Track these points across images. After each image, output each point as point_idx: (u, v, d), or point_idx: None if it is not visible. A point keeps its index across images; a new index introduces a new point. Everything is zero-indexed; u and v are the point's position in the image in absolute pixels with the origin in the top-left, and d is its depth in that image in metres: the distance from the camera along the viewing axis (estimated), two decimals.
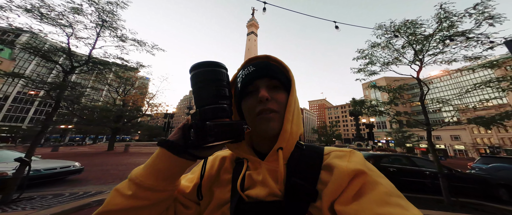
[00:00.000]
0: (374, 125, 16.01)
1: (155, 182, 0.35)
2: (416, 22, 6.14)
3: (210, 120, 0.33)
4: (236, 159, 0.49)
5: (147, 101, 20.55)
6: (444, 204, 4.08)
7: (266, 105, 0.41)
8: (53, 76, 4.87)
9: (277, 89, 0.44)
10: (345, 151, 0.41)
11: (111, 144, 19.41)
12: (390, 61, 6.83)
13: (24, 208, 2.86)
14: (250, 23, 51.37)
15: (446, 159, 25.86)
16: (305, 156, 0.43)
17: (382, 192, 0.31)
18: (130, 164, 9.19)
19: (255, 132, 0.44)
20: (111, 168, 7.95)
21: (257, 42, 51.02)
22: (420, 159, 6.26)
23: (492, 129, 6.05)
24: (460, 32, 5.61)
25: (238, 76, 0.47)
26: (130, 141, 49.57)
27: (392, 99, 7.23)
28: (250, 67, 0.44)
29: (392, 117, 7.00)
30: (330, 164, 0.38)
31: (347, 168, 0.35)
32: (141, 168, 0.37)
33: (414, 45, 6.35)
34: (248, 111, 0.43)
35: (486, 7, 5.14)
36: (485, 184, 5.21)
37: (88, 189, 4.30)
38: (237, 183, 0.42)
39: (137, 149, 22.25)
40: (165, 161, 0.35)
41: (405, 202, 0.30)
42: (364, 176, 0.34)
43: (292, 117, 0.42)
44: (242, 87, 0.44)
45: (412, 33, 6.21)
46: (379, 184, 0.33)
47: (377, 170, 0.36)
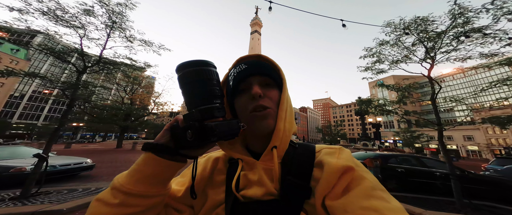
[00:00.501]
0: (381, 124, 15.64)
1: (145, 188, 0.34)
2: (427, 18, 5.91)
3: (207, 120, 0.33)
4: (230, 159, 0.49)
5: (153, 99, 21.06)
6: (455, 206, 3.96)
7: (259, 102, 0.40)
8: (66, 75, 5.07)
9: (269, 86, 0.44)
10: (334, 148, 0.42)
11: (120, 142, 20.04)
12: (399, 59, 6.61)
13: (43, 202, 3.02)
14: (253, 22, 51.08)
15: (458, 160, 24.96)
16: (298, 154, 0.43)
17: (367, 187, 0.33)
18: None
19: (250, 130, 0.43)
20: (120, 165, 8.23)
21: (260, 41, 50.72)
22: (429, 160, 6.06)
23: (508, 130, 5.78)
24: (477, 28, 5.34)
25: (230, 75, 0.46)
26: (137, 139, 51.04)
27: (401, 98, 7.00)
28: (241, 65, 0.44)
29: (400, 116, 6.79)
30: (321, 161, 0.39)
31: (337, 165, 0.36)
32: (125, 175, 0.35)
33: (426, 42, 6.11)
34: (241, 109, 0.43)
35: (505, 1, 4.87)
36: (501, 186, 4.99)
37: (99, 185, 4.48)
38: (231, 184, 0.41)
39: None
40: (155, 166, 0.34)
41: (387, 195, 0.32)
42: (352, 172, 0.35)
43: (285, 115, 0.42)
44: (234, 85, 0.44)
45: (423, 30, 5.98)
46: (365, 179, 0.34)
47: (363, 166, 0.38)
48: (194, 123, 0.32)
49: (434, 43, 5.98)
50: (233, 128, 0.35)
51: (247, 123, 0.42)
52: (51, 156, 5.34)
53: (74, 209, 2.77)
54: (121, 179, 0.34)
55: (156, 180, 0.35)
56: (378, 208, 0.29)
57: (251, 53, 54.06)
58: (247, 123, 0.42)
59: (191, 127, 0.32)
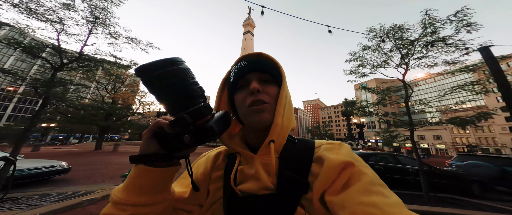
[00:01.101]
0: (365, 125, 16.64)
1: (149, 198, 0.34)
2: (403, 26, 6.50)
3: (197, 121, 0.32)
4: (228, 155, 0.49)
5: (139, 99, 20.00)
6: (423, 199, 4.41)
7: (257, 97, 0.41)
8: (37, 72, 4.65)
9: (268, 82, 0.44)
10: (334, 143, 0.43)
11: (99, 143, 18.69)
12: (379, 64, 7.17)
13: (10, 208, 2.76)
14: (246, 22, 50.91)
15: (428, 158, 27.36)
16: (297, 149, 0.43)
17: (366, 182, 0.33)
18: (122, 163, 8.96)
19: (247, 124, 0.44)
20: (101, 167, 7.72)
21: (253, 42, 50.61)
22: (404, 158, 6.63)
23: (469, 129, 6.57)
24: (441, 38, 6.03)
25: (231, 72, 0.47)
26: (119, 140, 47.86)
27: (380, 100, 7.59)
28: (242, 62, 0.45)
29: (379, 117, 7.37)
30: (320, 157, 0.39)
31: (336, 160, 0.36)
32: (122, 189, 0.34)
33: (401, 49, 6.71)
34: (240, 104, 0.44)
35: (465, 14, 5.56)
36: (461, 180, 5.59)
37: (77, 189, 4.19)
38: (229, 179, 0.42)
39: (128, 148, 21.59)
40: (150, 177, 0.34)
41: (387, 190, 0.32)
42: (351, 168, 0.35)
43: (283, 111, 0.42)
44: (234, 81, 0.45)
45: (399, 38, 6.57)
46: (365, 174, 0.34)
47: (363, 161, 0.38)
48: (189, 127, 0.31)
49: (408, 50, 6.60)
50: (226, 121, 0.37)
51: (244, 118, 0.43)
52: (18, 159, 4.87)
53: (49, 214, 2.58)
54: (119, 194, 0.34)
55: (157, 189, 0.35)
56: (377, 204, 0.29)
57: (243, 53, 53.63)
58: (244, 118, 0.43)
59: (188, 132, 0.31)
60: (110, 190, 3.97)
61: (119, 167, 7.88)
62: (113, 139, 53.66)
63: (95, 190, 3.98)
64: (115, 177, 5.94)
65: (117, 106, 19.65)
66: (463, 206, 4.12)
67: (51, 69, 3.69)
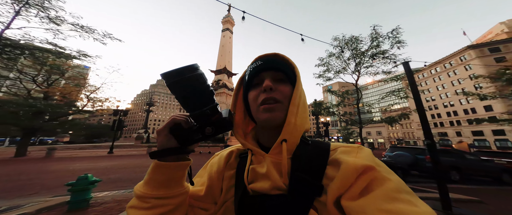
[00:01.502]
0: (330, 123, 18.83)
1: (166, 191, 0.39)
2: (358, 38, 7.84)
3: (214, 116, 0.40)
4: (240, 154, 0.51)
5: (87, 94, 16.49)
6: None
7: (270, 94, 0.41)
8: None
9: (282, 81, 0.44)
10: (352, 146, 0.41)
11: (22, 149, 14.51)
12: (340, 70, 8.41)
13: None
14: (225, 19, 48.87)
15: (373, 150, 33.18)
16: (310, 151, 0.42)
17: (390, 188, 0.30)
18: (61, 171, 7.30)
19: (259, 122, 0.45)
20: (28, 178, 6.09)
21: (232, 39, 49.13)
22: None
23: (398, 126, 8.49)
24: (382, 51, 7.59)
25: (247, 70, 0.48)
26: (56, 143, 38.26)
27: (340, 102, 8.92)
28: (258, 61, 0.46)
29: (339, 117, 8.65)
30: (336, 159, 0.38)
31: (355, 164, 0.34)
32: (143, 185, 0.39)
33: (355, 58, 8.07)
34: (252, 102, 0.45)
35: (398, 33, 7.18)
36: (390, 168, 7.21)
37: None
38: (240, 177, 0.43)
39: (69, 153, 17.59)
40: (166, 172, 0.38)
41: (415, 199, 0.29)
42: (372, 172, 0.33)
43: (297, 110, 0.41)
44: (249, 79, 0.46)
45: (355, 48, 7.89)
46: (388, 180, 0.32)
47: (386, 166, 0.35)
48: (210, 120, 0.39)
49: (360, 59, 7.98)
50: (232, 116, 0.43)
51: (255, 115, 0.44)
52: None
53: None
54: (141, 188, 0.39)
55: (172, 183, 0.39)
56: (404, 212, 0.26)
57: (221, 51, 50.93)
58: (255, 116, 0.44)
59: (209, 124, 0.39)
60: (48, 202, 3.25)
61: (58, 176, 6.43)
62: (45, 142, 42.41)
63: (24, 205, 3.18)
64: (54, 188, 4.84)
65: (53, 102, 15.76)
66: None
67: None
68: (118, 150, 19.88)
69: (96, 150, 21.32)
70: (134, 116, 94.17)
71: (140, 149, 21.93)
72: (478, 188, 6.09)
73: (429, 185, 5.87)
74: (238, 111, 0.51)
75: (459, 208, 3.47)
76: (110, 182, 5.49)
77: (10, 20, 3.07)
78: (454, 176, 7.00)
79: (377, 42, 7.97)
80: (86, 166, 8.82)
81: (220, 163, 0.50)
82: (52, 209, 3.02)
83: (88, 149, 21.90)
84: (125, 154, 16.24)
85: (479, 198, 4.51)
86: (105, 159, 12.11)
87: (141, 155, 15.75)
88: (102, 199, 3.67)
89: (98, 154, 16.61)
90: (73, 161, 11.13)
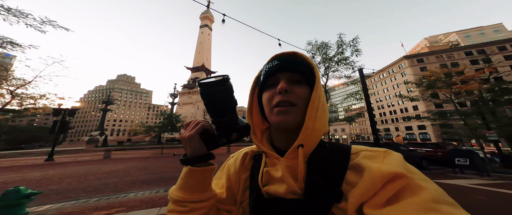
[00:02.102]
0: None
1: (199, 195, 0.41)
2: (327, 44, 8.77)
3: (235, 123, 0.43)
4: (255, 156, 0.50)
5: (10, 89, 12.51)
6: None
7: (284, 97, 0.40)
8: None
9: (299, 83, 0.42)
10: (378, 151, 0.37)
11: None
12: None
13: None
14: (204, 15, 45.68)
15: None
16: (328, 155, 0.40)
17: (426, 198, 0.27)
18: None
19: (273, 125, 0.44)
20: None
21: (211, 36, 46.38)
22: None
23: (356, 124, 10.05)
24: (345, 57, 8.71)
25: (262, 70, 0.46)
26: None
27: None
28: (274, 61, 0.44)
29: None
30: (359, 165, 0.35)
31: (380, 170, 0.31)
32: (177, 189, 0.41)
33: (325, 62, 9.01)
34: (266, 103, 0.43)
35: (357, 42, 8.39)
36: None
37: None
38: (255, 179, 0.43)
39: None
40: (196, 177, 0.40)
41: (458, 210, 0.26)
42: (403, 180, 0.30)
43: (316, 113, 0.39)
44: (264, 80, 0.44)
45: (324, 53, 8.80)
46: (424, 189, 0.28)
47: (420, 173, 0.32)
48: (237, 126, 0.43)
49: (328, 63, 8.94)
50: (248, 124, 0.47)
51: (270, 118, 0.43)
52: None
53: None
54: (177, 193, 0.41)
55: (202, 187, 0.41)
56: None
57: (199, 47, 48.16)
58: (269, 118, 0.43)
59: (235, 130, 0.43)
60: None
61: None
62: None
63: None
64: None
65: None
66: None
67: None
68: (62, 156, 16.54)
69: (27, 158, 16.94)
70: (86, 116, 79.28)
71: (93, 154, 18.64)
72: None
73: None
74: (255, 111, 0.50)
75: None
76: (53, 193, 4.50)
77: None
78: None
79: (342, 49, 9.06)
80: (13, 178, 6.93)
81: (237, 165, 0.51)
82: None
83: (14, 157, 17.23)
84: (71, 161, 13.46)
85: None
86: (42, 168, 9.80)
87: (95, 160, 13.36)
88: (44, 213, 2.98)
89: (30, 162, 13.21)
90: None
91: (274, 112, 0.41)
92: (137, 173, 7.54)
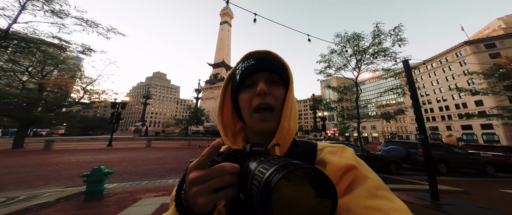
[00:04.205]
0: (326, 118, 19.29)
1: None
2: (360, 35, 7.86)
3: None
4: None
5: (83, 86, 16.11)
6: None
7: (264, 99, 0.40)
8: None
9: (276, 84, 0.43)
10: (337, 146, 0.42)
11: (20, 140, 14.41)
12: (340, 67, 8.49)
13: None
14: (224, 11, 47.03)
15: (367, 144, 34.32)
16: (300, 152, 0.43)
17: (371, 186, 0.32)
18: (64, 163, 7.39)
19: (252, 128, 0.43)
20: (34, 169, 6.17)
21: (230, 33, 47.69)
22: (351, 146, 8.25)
23: (392, 121, 8.82)
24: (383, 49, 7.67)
25: (237, 69, 0.45)
26: (51, 135, 37.78)
27: (341, 98, 9.09)
28: (250, 60, 0.43)
29: (338, 112, 8.85)
30: (323, 160, 0.39)
31: (339, 163, 0.35)
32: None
33: (357, 55, 8.13)
34: (245, 105, 0.43)
35: (400, 30, 7.23)
36: (384, 162, 7.30)
37: (11, 195, 3.35)
38: None
39: (66, 145, 17.53)
40: None
41: (391, 194, 0.32)
42: (354, 171, 0.35)
43: (290, 114, 0.41)
44: (240, 79, 0.43)
45: (356, 45, 7.93)
46: (368, 178, 0.34)
47: (366, 165, 0.38)
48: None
49: (361, 56, 8.07)
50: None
51: (250, 122, 0.42)
52: None
53: None
54: None
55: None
56: (383, 208, 0.29)
57: (219, 44, 49.53)
58: (249, 122, 0.42)
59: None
60: (64, 192, 3.39)
61: (61, 168, 6.53)
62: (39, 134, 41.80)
63: (41, 194, 3.31)
64: (63, 179, 4.97)
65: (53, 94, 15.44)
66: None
67: None
68: (117, 142, 19.85)
69: (95, 142, 21.24)
70: (131, 108, 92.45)
71: (138, 142, 22.02)
72: (463, 180, 6.55)
73: (420, 178, 6.27)
74: (226, 111, 0.49)
75: (446, 198, 3.76)
76: (115, 175, 5.65)
77: (17, 14, 3.01)
78: (442, 168, 7.41)
79: (379, 40, 7.99)
80: (89, 158, 8.91)
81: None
82: (69, 198, 3.17)
83: (87, 142, 21.80)
84: (123, 147, 16.30)
85: (464, 189, 4.91)
86: (105, 152, 12.18)
87: (140, 148, 15.84)
88: (113, 190, 3.83)
89: (97, 146, 16.59)
90: (73, 153, 11.16)
91: (255, 118, 0.41)
92: (172, 161, 8.65)
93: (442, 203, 3.45)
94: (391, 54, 7.58)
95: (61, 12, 3.46)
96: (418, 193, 4.20)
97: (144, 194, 3.66)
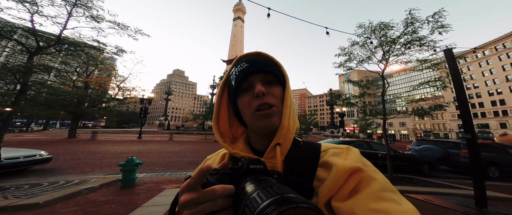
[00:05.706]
0: (345, 113, 18.10)
1: None
2: (388, 24, 6.96)
3: None
4: (233, 157, 0.48)
5: (117, 84, 18.26)
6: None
7: (263, 100, 0.40)
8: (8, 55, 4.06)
9: (272, 84, 0.43)
10: (342, 148, 0.41)
11: (73, 131, 17.23)
12: (364, 59, 7.71)
13: (6, 197, 2.68)
14: (237, 7, 47.07)
15: (394, 143, 31.25)
16: (302, 153, 0.42)
17: (377, 188, 0.31)
18: (105, 153, 8.60)
19: (254, 128, 0.43)
20: (84, 157, 7.35)
21: (243, 29, 47.72)
22: (375, 144, 7.62)
23: (426, 117, 7.70)
24: (418, 38, 6.67)
25: (231, 74, 0.45)
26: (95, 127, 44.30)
27: (363, 93, 8.32)
28: (243, 63, 0.43)
29: (359, 108, 8.17)
30: (327, 162, 0.38)
31: (344, 166, 0.35)
32: None
33: (384, 46, 7.26)
34: (245, 108, 0.42)
35: (441, 16, 6.15)
36: (415, 162, 6.65)
37: (68, 178, 4.09)
38: None
39: (105, 136, 20.32)
40: None
41: (398, 196, 0.31)
42: (360, 173, 0.34)
43: (289, 112, 0.41)
44: (236, 84, 0.43)
45: (383, 35, 7.07)
46: (374, 180, 0.33)
47: (372, 166, 0.37)
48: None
49: (389, 47, 7.18)
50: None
51: (251, 122, 0.42)
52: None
53: (52, 202, 2.60)
54: None
55: None
56: (389, 211, 0.28)
57: (233, 41, 50.12)
58: (250, 122, 0.42)
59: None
60: (105, 179, 3.98)
61: (104, 157, 7.61)
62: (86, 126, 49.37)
63: (89, 179, 3.95)
64: (104, 167, 5.81)
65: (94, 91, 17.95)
66: (415, 184, 5.03)
67: (27, 52, 3.28)
68: (145, 135, 22.15)
69: (128, 134, 24.06)
70: (155, 104, 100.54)
71: (162, 135, 24.19)
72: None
73: (457, 181, 5.53)
74: (222, 118, 0.48)
75: (496, 206, 3.27)
76: (144, 165, 6.34)
77: (66, 21, 3.55)
78: (493, 172, 6.42)
79: (413, 28, 6.95)
80: (124, 149, 10.17)
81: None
82: (109, 185, 3.72)
83: (121, 134, 24.85)
84: (150, 140, 18.08)
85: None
86: (136, 144, 13.72)
87: (164, 141, 17.36)
88: (143, 180, 4.33)
89: (129, 138, 18.77)
90: (112, 144, 12.87)
91: (257, 117, 0.40)
92: (191, 155, 9.27)
93: (491, 211, 3.03)
94: (429, 43, 6.55)
95: (98, 17, 3.91)
96: (459, 198, 3.73)
97: (167, 184, 4.06)
